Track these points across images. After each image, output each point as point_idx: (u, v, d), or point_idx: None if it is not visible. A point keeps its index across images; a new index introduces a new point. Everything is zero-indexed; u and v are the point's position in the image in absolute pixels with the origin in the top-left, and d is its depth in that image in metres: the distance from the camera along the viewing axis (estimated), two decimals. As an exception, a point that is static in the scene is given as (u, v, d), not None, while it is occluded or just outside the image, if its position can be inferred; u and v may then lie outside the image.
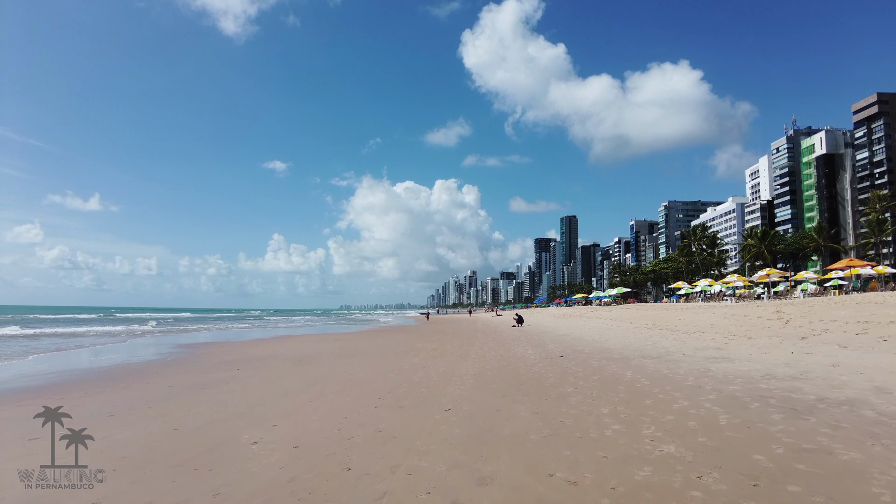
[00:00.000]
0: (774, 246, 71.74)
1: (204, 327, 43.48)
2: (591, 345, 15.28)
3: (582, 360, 11.59)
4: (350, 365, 12.96)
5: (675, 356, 11.06)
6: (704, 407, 6.07)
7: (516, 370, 10.44)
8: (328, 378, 10.55)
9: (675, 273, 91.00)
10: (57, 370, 13.94)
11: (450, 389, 8.37)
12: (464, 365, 11.79)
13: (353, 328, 42.24)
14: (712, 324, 16.93)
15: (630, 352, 12.62)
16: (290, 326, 46.66)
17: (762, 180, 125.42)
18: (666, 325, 19.58)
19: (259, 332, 35.01)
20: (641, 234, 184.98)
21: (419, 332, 29.62)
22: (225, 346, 22.32)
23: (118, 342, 25.10)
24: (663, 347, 12.93)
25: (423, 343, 20.02)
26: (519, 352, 14.53)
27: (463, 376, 9.87)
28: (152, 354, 18.66)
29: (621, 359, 11.32)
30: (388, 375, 10.46)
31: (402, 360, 13.72)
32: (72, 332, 34.00)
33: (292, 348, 19.82)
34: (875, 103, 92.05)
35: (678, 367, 9.38)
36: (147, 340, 26.49)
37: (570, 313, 42.38)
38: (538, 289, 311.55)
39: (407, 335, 27.02)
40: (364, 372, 11.29)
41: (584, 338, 18.15)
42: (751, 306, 21.74)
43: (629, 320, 24.72)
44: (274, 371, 12.28)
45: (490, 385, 8.69)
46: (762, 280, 32.35)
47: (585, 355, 12.50)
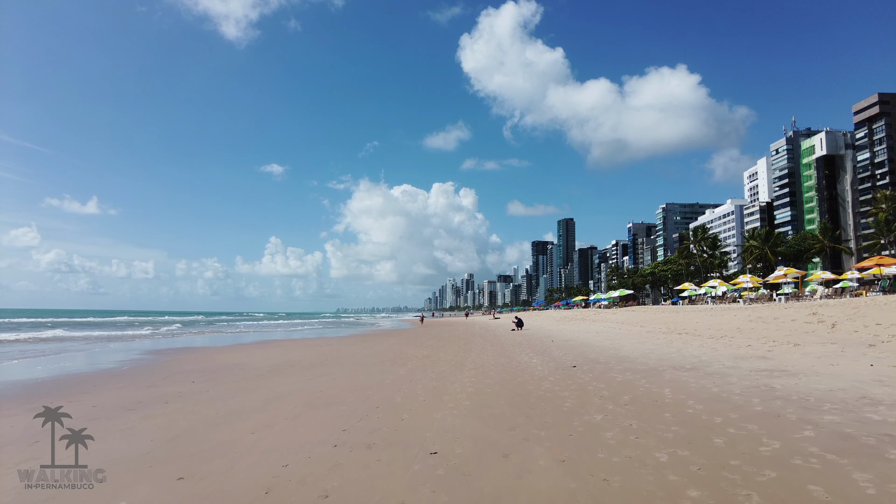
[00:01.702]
0: (777, 247, 70.23)
1: (192, 331, 41.24)
2: (605, 352, 13.35)
3: (600, 371, 9.65)
4: (325, 377, 10.96)
5: (713, 367, 9.14)
6: (811, 452, 4.13)
7: (523, 386, 8.49)
8: (291, 395, 8.56)
9: (674, 275, 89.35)
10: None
11: (439, 416, 6.41)
12: (458, 378, 9.83)
13: (344, 332, 40.15)
14: (738, 327, 15.05)
15: (655, 361, 10.70)
16: (280, 330, 44.47)
17: (760, 182, 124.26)
18: (683, 328, 17.69)
19: (245, 337, 32.87)
20: (639, 237, 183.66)
21: (412, 337, 27.61)
22: (197, 353, 20.23)
23: (90, 345, 22.95)
24: (693, 356, 11.02)
25: (414, 349, 18.04)
26: (522, 361, 12.58)
27: (457, 394, 7.91)
28: (111, 362, 16.58)
29: (648, 370, 9.39)
30: (364, 392, 8.48)
31: (386, 370, 11.74)
32: (50, 336, 31.71)
33: (269, 355, 17.78)
34: (876, 103, 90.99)
35: (728, 383, 7.46)
36: (129, 345, 24.33)
37: (571, 316, 40.49)
38: (535, 292, 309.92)
39: (398, 340, 25.01)
40: (338, 387, 9.31)
41: (594, 343, 16.23)
42: (773, 308, 19.90)
43: (638, 323, 22.83)
44: (234, 384, 10.28)
45: (491, 409, 6.74)
46: (778, 280, 30.56)
47: (603, 365, 10.57)
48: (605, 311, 39.61)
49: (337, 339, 29.33)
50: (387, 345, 21.57)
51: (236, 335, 35.25)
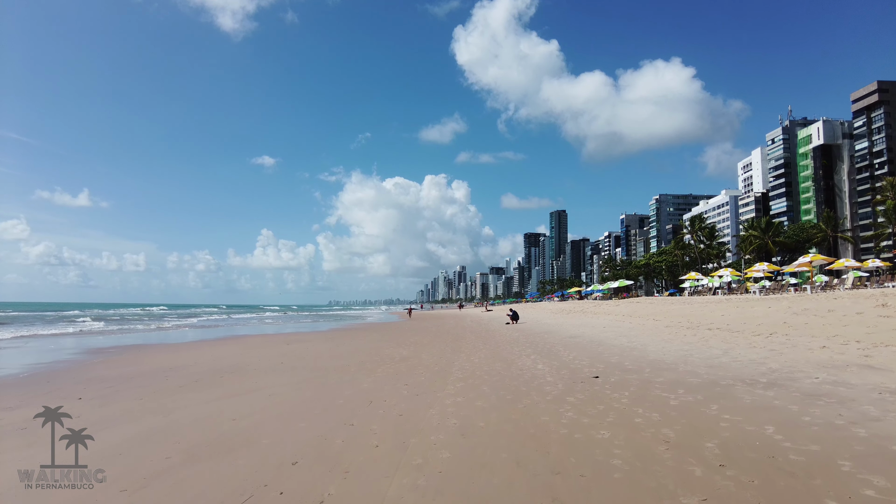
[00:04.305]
0: (776, 237, 68.33)
1: (145, 326, 37.97)
2: (627, 354, 10.62)
3: (638, 386, 6.89)
4: (259, 392, 8.07)
5: (804, 382, 6.42)
6: None
7: (532, 415, 5.69)
8: (184, 428, 5.66)
9: (669, 267, 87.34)
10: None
11: (393, 491, 3.57)
12: (439, 397, 7.01)
13: (324, 326, 37.18)
14: (784, 321, 12.40)
15: (704, 369, 7.96)
16: (255, 324, 41.29)
17: (755, 173, 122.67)
18: (708, 322, 15.04)
19: (210, 332, 29.75)
20: (632, 228, 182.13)
21: (395, 333, 24.76)
22: (140, 352, 17.19)
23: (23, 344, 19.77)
24: (753, 361, 8.30)
25: (393, 348, 15.20)
26: (525, 366, 9.80)
27: (432, 433, 5.08)
28: (23, 365, 13.53)
29: (706, 385, 6.64)
30: (294, 425, 5.63)
31: (346, 381, 8.89)
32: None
33: (219, 355, 14.83)
34: (875, 91, 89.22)
35: (867, 416, 4.72)
36: (66, 342, 21.16)
37: (569, 308, 37.91)
38: (527, 284, 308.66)
39: (379, 336, 22.14)
40: (263, 412, 6.45)
41: (608, 341, 13.50)
42: (807, 299, 17.34)
43: (649, 317, 20.20)
44: (130, 402, 7.34)
45: (487, 473, 3.92)
46: (802, 268, 28.07)
47: (635, 375, 7.81)
48: (606, 303, 37.10)
49: (312, 334, 26.40)
50: (364, 342, 18.70)
51: (210, 329, 32.11)
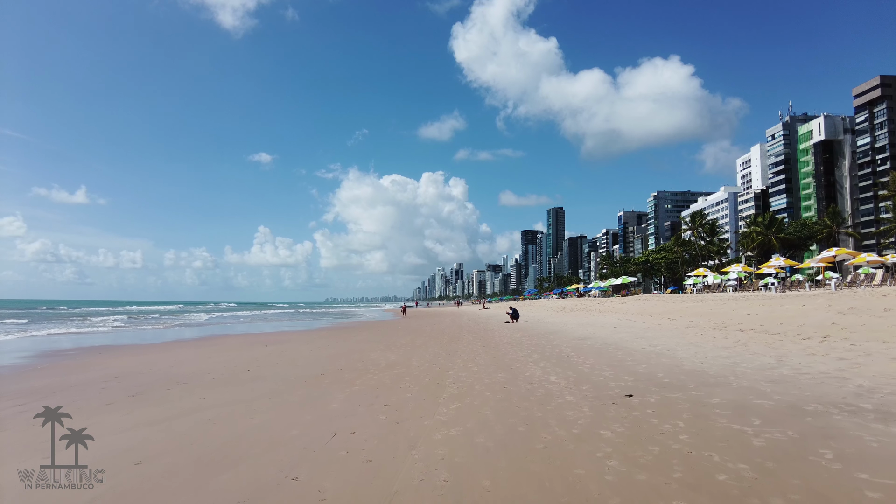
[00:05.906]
0: (779, 234, 67.00)
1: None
2: (654, 361, 8.90)
3: (691, 413, 5.18)
4: (193, 419, 6.30)
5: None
6: None
7: (557, 462, 3.96)
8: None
9: (668, 264, 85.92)
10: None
11: None
12: (427, 428, 5.27)
13: (314, 324, 35.34)
14: (832, 322, 10.73)
15: (766, 384, 6.26)
16: (242, 323, 39.37)
17: (754, 169, 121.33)
18: (735, 322, 13.36)
19: (194, 331, 27.86)
20: (629, 225, 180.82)
21: (387, 333, 22.99)
22: (100, 354, 15.33)
23: None
24: (826, 374, 6.61)
25: (380, 352, 13.43)
26: (534, 378, 8.07)
27: (413, 495, 3.35)
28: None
29: (783, 411, 4.93)
30: (212, 481, 3.87)
31: (317, 397, 7.13)
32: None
33: (180, 361, 12.97)
34: (878, 86, 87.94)
35: None
36: (52, 340, 19.27)
37: (571, 306, 36.26)
38: (525, 281, 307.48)
39: (368, 337, 20.37)
40: (176, 453, 4.69)
41: (624, 345, 11.80)
42: (844, 296, 15.71)
43: (663, 315, 18.54)
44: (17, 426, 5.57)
45: None
46: (824, 262, 26.60)
47: (680, 394, 6.10)
48: (610, 301, 35.46)
49: (297, 333, 24.63)
50: (350, 344, 16.93)
51: (196, 328, 30.21)
